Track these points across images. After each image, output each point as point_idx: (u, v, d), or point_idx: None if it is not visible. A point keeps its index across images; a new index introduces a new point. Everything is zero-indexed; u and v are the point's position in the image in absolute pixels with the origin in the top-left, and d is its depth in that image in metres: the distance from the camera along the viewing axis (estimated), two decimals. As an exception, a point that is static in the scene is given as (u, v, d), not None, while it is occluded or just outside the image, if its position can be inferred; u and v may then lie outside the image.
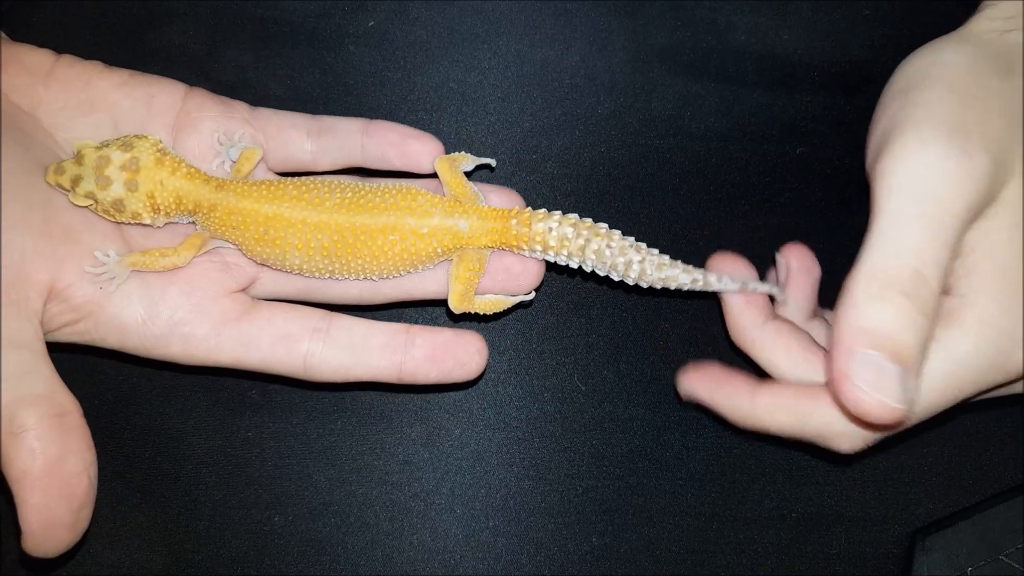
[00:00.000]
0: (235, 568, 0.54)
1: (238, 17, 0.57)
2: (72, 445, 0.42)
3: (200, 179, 0.48)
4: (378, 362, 0.48)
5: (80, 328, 0.46)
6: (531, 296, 0.51)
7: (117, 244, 0.48)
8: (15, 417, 0.41)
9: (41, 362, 0.43)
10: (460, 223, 0.48)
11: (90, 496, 0.43)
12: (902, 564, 0.55)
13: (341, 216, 0.47)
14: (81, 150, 0.47)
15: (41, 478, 0.41)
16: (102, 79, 0.49)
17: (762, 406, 0.45)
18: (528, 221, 0.48)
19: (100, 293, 0.46)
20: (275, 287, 0.51)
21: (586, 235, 0.48)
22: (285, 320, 0.48)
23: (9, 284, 0.43)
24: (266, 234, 0.47)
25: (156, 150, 0.47)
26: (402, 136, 0.50)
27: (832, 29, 0.59)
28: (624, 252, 0.48)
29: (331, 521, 0.55)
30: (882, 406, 0.38)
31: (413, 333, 0.49)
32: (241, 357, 0.48)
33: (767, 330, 0.48)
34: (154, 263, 0.47)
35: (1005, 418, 0.57)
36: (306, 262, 0.48)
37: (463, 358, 0.49)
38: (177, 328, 0.47)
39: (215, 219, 0.48)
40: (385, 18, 0.58)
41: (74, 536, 0.43)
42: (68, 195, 0.46)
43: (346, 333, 0.48)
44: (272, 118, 0.51)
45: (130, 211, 0.47)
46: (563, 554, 0.55)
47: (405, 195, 0.48)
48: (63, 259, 0.45)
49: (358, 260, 0.48)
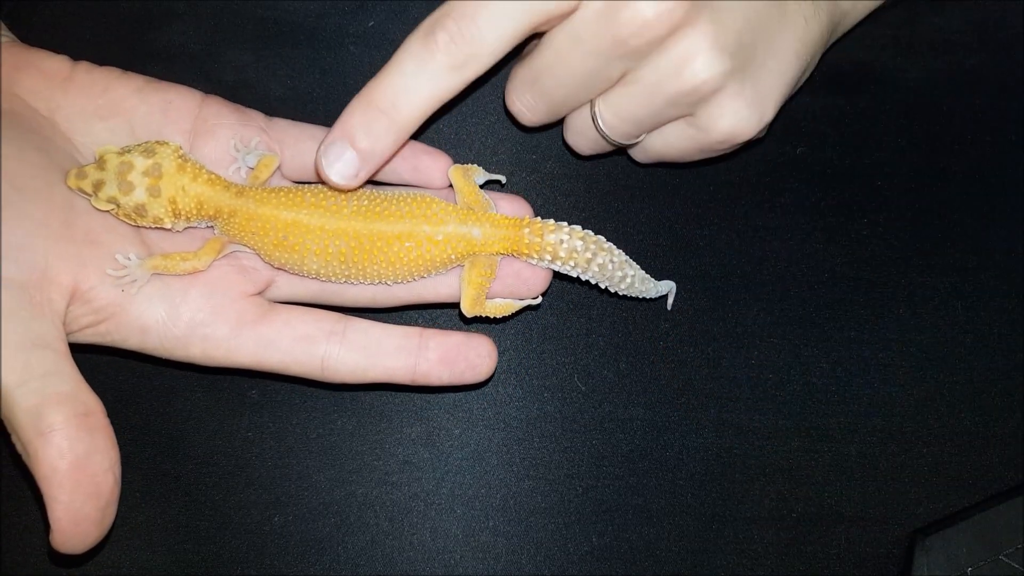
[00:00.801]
0: (235, 568, 0.54)
1: (238, 17, 0.57)
2: (98, 444, 0.43)
3: (220, 185, 0.49)
4: (393, 364, 0.49)
5: (102, 329, 0.47)
6: (539, 300, 0.53)
7: (137, 247, 0.48)
8: (42, 416, 0.42)
9: (65, 362, 0.44)
10: (474, 231, 0.49)
11: (115, 493, 0.44)
12: (902, 564, 0.55)
13: (358, 223, 0.48)
14: (103, 155, 0.47)
15: (69, 476, 0.42)
16: (119, 85, 0.50)
17: None
18: (540, 232, 0.50)
19: (122, 295, 0.47)
20: (290, 290, 0.52)
21: (593, 249, 0.50)
22: (302, 322, 0.49)
23: (33, 286, 0.44)
24: (285, 240, 0.48)
25: (177, 156, 0.48)
26: (415, 151, 0.51)
27: (832, 29, 0.59)
28: (622, 267, 0.51)
29: (331, 521, 0.55)
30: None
31: (426, 336, 0.50)
32: (261, 358, 0.49)
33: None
34: (175, 267, 0.48)
35: (1005, 418, 0.57)
36: (323, 267, 0.49)
37: (475, 361, 0.50)
38: (198, 329, 0.48)
39: (235, 224, 0.49)
40: (385, 18, 0.58)
41: (101, 532, 0.44)
42: (90, 199, 0.47)
43: (362, 335, 0.50)
44: (289, 129, 0.52)
45: (152, 216, 0.48)
46: (563, 554, 0.55)
47: (420, 203, 0.49)
48: (85, 262, 0.46)
49: (374, 266, 0.49)
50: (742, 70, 0.45)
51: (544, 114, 0.49)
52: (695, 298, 0.57)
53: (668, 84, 0.45)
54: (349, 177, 0.45)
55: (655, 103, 0.46)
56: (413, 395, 0.56)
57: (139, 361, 0.52)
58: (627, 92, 0.46)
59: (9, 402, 0.42)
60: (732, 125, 0.46)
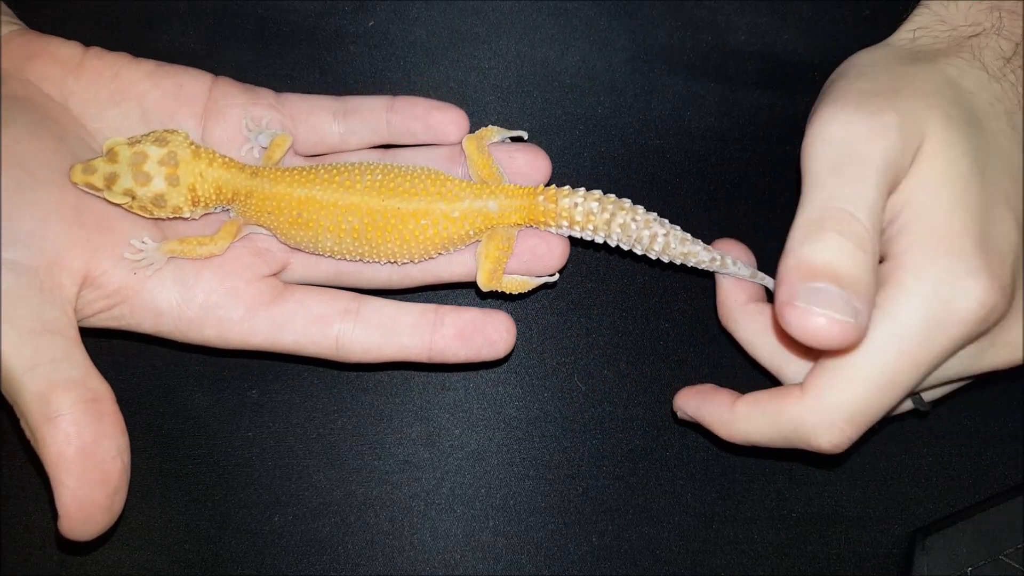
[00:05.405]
0: (235, 568, 0.54)
1: (238, 17, 0.57)
2: (106, 430, 0.43)
3: (235, 168, 0.49)
4: (408, 341, 0.49)
5: (116, 313, 0.47)
6: (555, 278, 0.52)
7: (151, 231, 0.48)
8: (50, 402, 0.42)
9: (74, 348, 0.44)
10: (489, 204, 0.49)
11: (124, 480, 0.44)
12: (902, 564, 0.55)
13: (372, 199, 0.48)
14: (112, 147, 0.47)
15: (76, 462, 0.42)
16: (130, 70, 0.50)
17: (740, 414, 0.46)
18: (554, 197, 0.49)
19: (135, 279, 0.47)
20: (306, 272, 0.52)
21: (611, 209, 0.49)
22: (317, 302, 0.49)
23: (43, 271, 0.44)
24: (299, 217, 0.48)
25: (190, 143, 0.48)
26: (427, 109, 0.51)
27: (832, 29, 0.58)
28: (649, 225, 0.49)
29: (331, 521, 0.55)
30: (831, 322, 0.38)
31: (442, 313, 0.50)
32: (275, 339, 0.49)
33: (749, 310, 0.50)
34: (192, 251, 0.48)
35: (1005, 418, 0.57)
36: (338, 244, 0.49)
37: (492, 336, 0.49)
38: (212, 311, 0.48)
39: (251, 206, 0.49)
40: (385, 18, 0.58)
41: (110, 519, 0.44)
42: (102, 194, 0.46)
43: (377, 314, 0.49)
44: (299, 103, 0.52)
45: (171, 206, 0.48)
46: (563, 554, 0.55)
47: (434, 180, 0.49)
48: (97, 247, 0.46)
49: (388, 244, 0.49)
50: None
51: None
52: (695, 298, 0.57)
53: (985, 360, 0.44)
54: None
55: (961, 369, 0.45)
56: (414, 395, 0.56)
57: (154, 345, 0.52)
58: None
59: (18, 387, 0.42)
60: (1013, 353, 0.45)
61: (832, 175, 0.41)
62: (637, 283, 0.57)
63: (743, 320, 0.50)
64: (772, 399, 0.45)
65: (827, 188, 0.41)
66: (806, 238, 0.40)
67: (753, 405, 0.46)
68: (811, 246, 0.40)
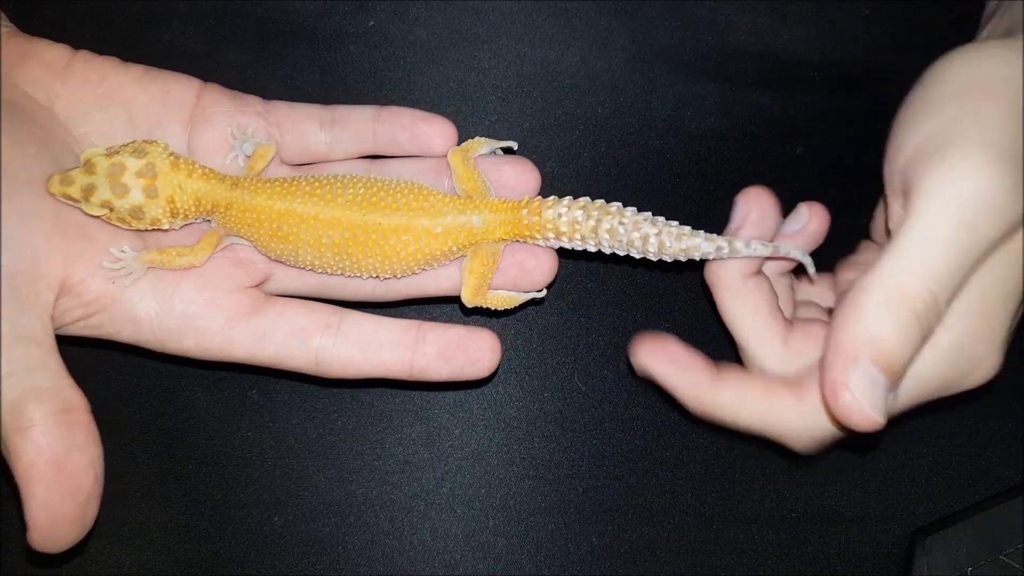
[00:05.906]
0: (235, 568, 0.54)
1: (238, 17, 0.57)
2: (78, 440, 0.42)
3: (216, 179, 0.48)
4: (389, 358, 0.48)
5: (94, 322, 0.47)
6: (543, 294, 0.51)
7: (132, 240, 0.48)
8: (22, 412, 0.41)
9: (49, 357, 0.43)
10: (473, 219, 0.48)
11: (96, 491, 0.43)
12: (902, 564, 0.55)
13: (353, 213, 0.47)
14: (90, 158, 0.46)
15: (47, 473, 0.41)
16: (118, 74, 0.49)
17: (725, 398, 0.44)
18: (538, 210, 0.48)
19: (113, 287, 0.46)
20: (289, 284, 0.51)
21: (596, 215, 0.47)
22: (297, 315, 0.48)
23: (21, 278, 0.43)
24: (279, 230, 0.47)
25: (168, 154, 0.47)
26: (413, 119, 0.50)
27: (832, 29, 0.59)
28: (639, 227, 0.47)
29: (331, 521, 0.55)
30: (867, 418, 0.38)
31: (425, 329, 0.49)
32: (255, 351, 0.48)
33: (747, 285, 0.46)
34: (171, 262, 0.47)
35: (1005, 418, 0.57)
36: (318, 258, 0.48)
37: (475, 355, 0.48)
38: (191, 322, 0.47)
39: (231, 217, 0.48)
40: (385, 18, 0.58)
41: (80, 531, 0.43)
42: (79, 205, 0.46)
43: (357, 328, 0.48)
44: (287, 111, 0.51)
45: (149, 217, 0.47)
46: (563, 554, 0.55)
47: (417, 194, 0.48)
48: (76, 255, 0.45)
49: (369, 259, 0.48)
50: None
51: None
52: (695, 298, 0.57)
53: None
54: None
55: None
56: (413, 395, 0.56)
57: (139, 357, 0.52)
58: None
59: None
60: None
61: (941, 243, 0.38)
62: (637, 283, 0.57)
63: (734, 296, 0.46)
64: (764, 394, 0.43)
65: (928, 257, 0.38)
66: (886, 312, 0.38)
67: (740, 392, 0.44)
68: (887, 324, 0.38)
